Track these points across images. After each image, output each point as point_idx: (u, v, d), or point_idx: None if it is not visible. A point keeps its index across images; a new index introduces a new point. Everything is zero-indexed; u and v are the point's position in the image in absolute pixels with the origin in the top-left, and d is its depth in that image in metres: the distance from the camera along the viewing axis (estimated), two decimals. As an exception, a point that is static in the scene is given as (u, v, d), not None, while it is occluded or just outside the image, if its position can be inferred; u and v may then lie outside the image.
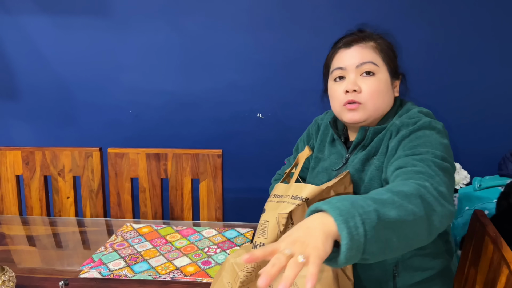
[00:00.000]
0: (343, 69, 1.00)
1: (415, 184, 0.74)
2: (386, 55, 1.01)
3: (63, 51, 1.95)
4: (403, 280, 0.97)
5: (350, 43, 1.01)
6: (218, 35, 1.86)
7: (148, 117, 2.00)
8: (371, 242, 0.62)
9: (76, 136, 2.04)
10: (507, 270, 0.75)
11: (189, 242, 1.29)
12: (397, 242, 0.66)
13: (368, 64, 0.97)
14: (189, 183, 1.52)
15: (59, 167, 1.55)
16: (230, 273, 0.90)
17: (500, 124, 1.79)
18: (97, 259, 1.21)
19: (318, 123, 1.21)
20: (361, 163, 0.98)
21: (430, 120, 0.93)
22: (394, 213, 0.66)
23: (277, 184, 0.94)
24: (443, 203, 0.73)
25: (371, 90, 0.97)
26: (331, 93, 1.04)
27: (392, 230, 0.65)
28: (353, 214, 0.62)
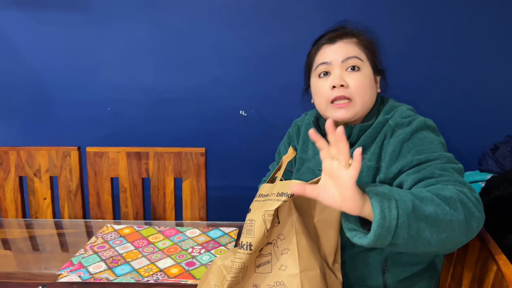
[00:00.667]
0: (328, 64, 0.98)
1: (455, 189, 0.76)
2: (369, 51, 1.01)
3: (39, 46, 1.88)
4: (392, 276, 0.98)
5: (333, 39, 1.00)
6: (201, 30, 1.83)
7: (128, 115, 1.95)
8: (403, 228, 0.66)
9: (53, 134, 1.98)
10: (495, 267, 0.76)
11: (172, 243, 1.26)
12: (429, 237, 0.68)
13: (353, 59, 0.97)
14: (172, 182, 1.48)
15: (35, 167, 1.50)
16: (218, 275, 0.88)
17: (480, 120, 1.82)
18: (76, 262, 1.16)
19: (298, 124, 1.20)
20: None
21: (424, 120, 0.93)
22: (431, 209, 0.69)
23: (263, 184, 0.92)
24: (480, 209, 0.75)
25: (358, 85, 0.96)
26: (316, 89, 1.02)
27: (426, 224, 0.68)
28: (389, 197, 0.67)
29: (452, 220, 0.70)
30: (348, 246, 0.98)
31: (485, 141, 1.77)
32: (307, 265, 0.84)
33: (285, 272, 0.84)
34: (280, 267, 0.85)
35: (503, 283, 0.72)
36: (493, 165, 1.65)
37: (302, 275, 0.83)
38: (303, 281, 0.82)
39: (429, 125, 0.93)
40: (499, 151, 1.66)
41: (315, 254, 0.86)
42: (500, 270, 0.73)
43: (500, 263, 0.74)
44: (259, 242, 0.82)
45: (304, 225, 0.88)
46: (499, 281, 0.73)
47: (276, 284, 0.85)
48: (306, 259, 0.84)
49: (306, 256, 0.84)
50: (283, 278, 0.84)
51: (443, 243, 0.71)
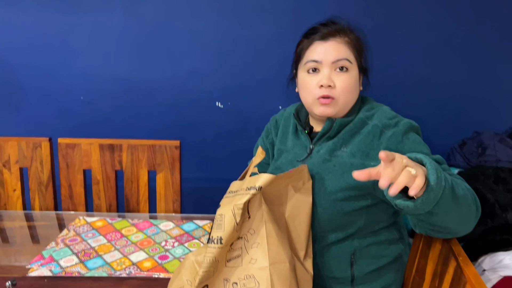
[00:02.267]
0: (318, 62, 1.01)
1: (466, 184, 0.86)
2: (357, 51, 1.04)
3: (7, 31, 1.82)
4: (360, 268, 1.01)
5: (326, 37, 1.02)
6: (177, 21, 1.80)
7: (102, 104, 1.91)
8: (444, 199, 0.74)
9: (22, 124, 1.92)
10: (455, 262, 0.79)
11: (145, 236, 1.27)
12: (456, 215, 0.79)
13: (343, 61, 1.00)
14: (145, 175, 1.48)
15: (4, 158, 1.46)
16: (190, 270, 0.89)
17: (448, 115, 1.87)
18: (47, 255, 1.15)
19: (276, 119, 1.23)
20: (329, 153, 1.00)
21: (409, 121, 1.00)
22: (461, 192, 0.79)
23: (233, 182, 0.94)
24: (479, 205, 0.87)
25: (344, 86, 1.00)
26: (304, 84, 1.05)
27: (458, 203, 0.77)
28: (440, 169, 0.74)
29: (471, 206, 0.81)
30: (319, 239, 1.01)
31: (454, 137, 1.82)
32: (276, 258, 0.86)
33: (255, 265, 0.86)
34: (250, 261, 0.87)
35: (461, 279, 0.76)
36: (460, 160, 1.71)
37: (272, 268, 0.85)
38: (272, 273, 0.84)
39: (414, 126, 1.00)
40: (467, 147, 1.72)
41: (284, 248, 0.88)
42: (460, 267, 0.77)
43: (459, 259, 0.78)
44: (229, 236, 0.84)
45: (274, 219, 0.90)
46: (458, 276, 0.77)
47: (246, 277, 0.86)
48: (275, 252, 0.86)
49: (276, 250, 0.86)
50: (253, 271, 0.86)
51: (461, 224, 0.83)
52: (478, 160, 1.65)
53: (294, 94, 1.26)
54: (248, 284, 0.86)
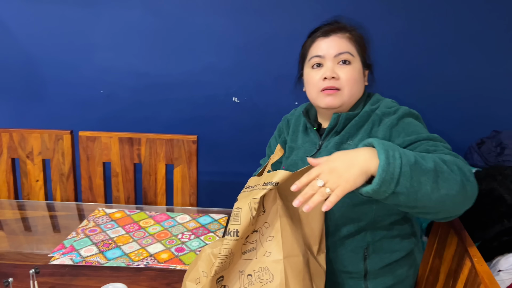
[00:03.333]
0: (322, 57, 1.04)
1: (451, 156, 0.82)
2: (359, 46, 1.07)
3: (32, 27, 1.86)
4: (373, 263, 1.02)
5: (328, 33, 1.06)
6: (195, 16, 1.82)
7: (121, 98, 1.95)
8: (405, 177, 0.71)
9: (45, 116, 1.98)
10: (469, 263, 0.79)
11: (162, 228, 1.29)
12: (430, 191, 0.73)
13: (345, 54, 1.03)
14: (163, 168, 1.50)
15: (28, 149, 1.51)
16: (206, 262, 0.91)
17: (467, 115, 1.85)
18: (68, 245, 1.19)
19: (287, 118, 1.26)
20: (336, 147, 1.02)
21: (407, 108, 1.02)
22: (431, 165, 0.74)
23: (250, 178, 0.95)
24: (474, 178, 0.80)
25: (348, 77, 1.02)
26: (308, 79, 1.08)
27: (427, 178, 0.73)
28: (394, 148, 0.73)
29: (450, 178, 0.75)
30: (331, 233, 1.03)
31: (472, 136, 1.80)
32: (290, 251, 0.88)
33: (269, 258, 0.88)
34: (265, 254, 0.88)
35: (476, 280, 0.76)
36: (478, 159, 1.69)
37: (286, 261, 0.86)
38: (286, 266, 0.86)
39: (413, 113, 1.01)
40: (485, 146, 1.70)
41: (298, 242, 0.90)
42: (474, 267, 0.77)
43: (474, 260, 0.78)
44: (246, 229, 0.85)
45: (289, 214, 0.91)
46: (473, 277, 0.77)
47: (261, 269, 0.88)
48: (289, 246, 0.88)
49: (290, 243, 0.88)
50: (267, 263, 0.87)
51: (442, 201, 0.75)
52: (496, 160, 1.63)
53: None
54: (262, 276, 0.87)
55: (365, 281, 1.03)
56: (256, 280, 0.88)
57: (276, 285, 0.86)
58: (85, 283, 1.04)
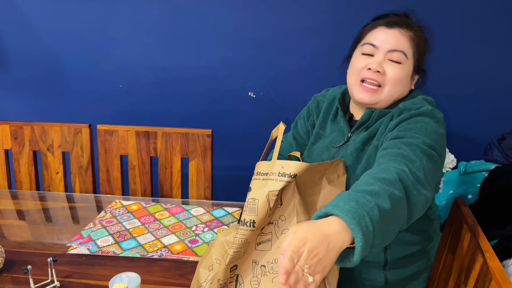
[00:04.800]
0: (375, 47, 0.99)
1: (395, 169, 0.78)
2: (418, 50, 1.01)
3: (53, 22, 1.91)
4: (393, 253, 1.02)
5: (392, 24, 0.99)
6: (213, 10, 1.83)
7: (139, 92, 1.98)
8: (377, 236, 0.67)
9: (65, 110, 2.03)
10: (481, 259, 0.78)
11: (177, 220, 1.32)
12: (391, 230, 0.71)
13: (399, 53, 0.97)
14: (179, 161, 1.53)
15: (48, 142, 1.55)
16: (220, 250, 0.91)
17: (488, 110, 1.81)
18: (86, 235, 1.22)
19: (317, 100, 1.20)
20: (362, 143, 1.00)
21: (432, 109, 0.95)
22: (387, 204, 0.70)
23: (258, 162, 0.94)
24: (418, 188, 0.77)
25: (393, 76, 0.97)
26: (353, 63, 1.03)
27: (388, 220, 0.70)
28: (362, 214, 0.66)
29: (401, 204, 0.73)
30: None
31: (492, 131, 1.76)
32: None
33: None
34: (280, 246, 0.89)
35: (487, 275, 0.75)
36: (498, 155, 1.65)
37: None
38: None
39: (434, 115, 0.94)
40: (506, 142, 1.66)
41: None
42: (486, 263, 0.76)
43: (486, 256, 0.77)
44: (262, 220, 0.86)
45: (306, 208, 0.91)
46: (484, 273, 0.76)
47: (275, 261, 0.89)
48: None
49: None
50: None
51: (396, 231, 0.74)
52: (517, 156, 1.59)
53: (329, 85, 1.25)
54: (275, 268, 0.88)
55: (384, 271, 1.04)
56: (269, 271, 0.88)
57: None
58: (101, 272, 1.07)
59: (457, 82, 1.79)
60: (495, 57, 1.74)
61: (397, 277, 1.04)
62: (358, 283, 1.06)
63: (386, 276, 1.04)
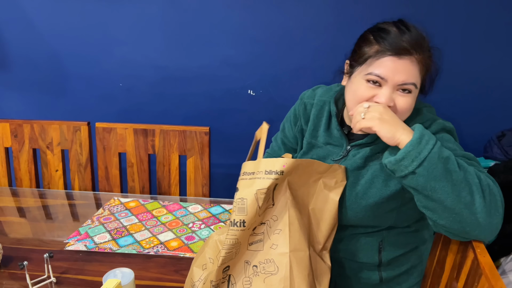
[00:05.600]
0: (384, 80, 0.89)
1: (489, 179, 0.82)
2: (426, 74, 0.94)
3: (55, 21, 1.93)
4: (387, 254, 1.03)
5: (401, 53, 0.88)
6: (213, 10, 1.83)
7: (140, 91, 1.99)
8: (431, 162, 0.76)
9: (67, 108, 2.04)
10: (472, 255, 0.78)
11: (174, 217, 1.32)
12: (450, 192, 0.77)
13: (410, 85, 0.90)
14: (176, 159, 1.53)
15: (48, 140, 1.56)
16: (213, 249, 0.92)
17: (488, 107, 1.80)
18: (83, 232, 1.23)
19: (304, 102, 1.13)
20: (364, 160, 0.96)
21: (443, 122, 0.96)
22: (462, 174, 0.77)
23: (244, 162, 0.93)
24: (502, 210, 0.81)
25: (404, 108, 0.91)
26: (358, 90, 0.92)
27: (451, 180, 0.76)
28: (431, 137, 0.79)
29: (475, 196, 0.77)
30: (347, 229, 1.02)
31: (492, 129, 1.75)
32: (297, 245, 0.87)
33: (275, 250, 0.88)
34: (271, 246, 0.89)
35: (477, 271, 0.75)
36: (498, 152, 1.64)
37: (292, 254, 0.86)
38: (292, 260, 0.86)
39: (448, 128, 0.96)
40: (505, 139, 1.65)
41: (305, 237, 0.90)
42: (477, 258, 0.76)
43: (477, 251, 0.77)
44: (252, 219, 0.86)
45: (298, 209, 0.91)
46: (475, 268, 0.76)
47: (267, 261, 0.89)
48: (296, 240, 0.88)
49: (297, 238, 0.88)
50: (273, 256, 0.88)
51: (458, 210, 0.77)
52: (517, 153, 1.59)
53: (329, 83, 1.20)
54: (267, 268, 0.88)
55: (379, 271, 1.04)
56: (261, 271, 0.88)
57: (280, 277, 0.86)
58: (97, 268, 1.08)
59: (457, 80, 1.79)
60: (495, 55, 1.73)
61: (391, 275, 1.05)
62: (353, 282, 1.06)
63: (380, 275, 1.04)
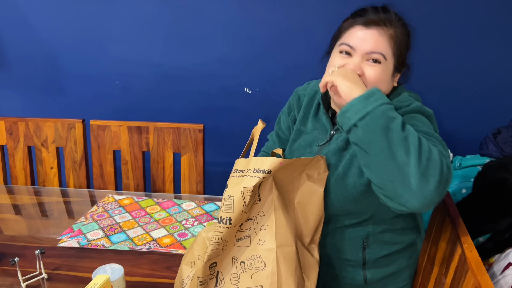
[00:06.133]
0: (352, 48, 0.94)
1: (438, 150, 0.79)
2: (398, 48, 0.96)
3: (51, 20, 1.93)
4: (372, 252, 1.02)
5: (369, 24, 0.94)
6: (209, 7, 1.83)
7: (136, 89, 1.99)
8: (371, 118, 0.79)
9: (63, 106, 2.05)
10: (460, 250, 0.78)
11: (168, 214, 1.33)
12: (386, 146, 0.78)
13: (378, 55, 0.93)
14: (171, 156, 1.53)
15: (43, 137, 1.57)
16: (201, 246, 0.93)
17: (484, 104, 1.79)
18: (76, 229, 1.24)
19: (298, 94, 1.16)
20: (345, 142, 0.98)
21: (421, 105, 0.94)
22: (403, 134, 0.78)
23: (237, 160, 0.94)
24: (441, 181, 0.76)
25: (373, 77, 0.93)
26: (331, 62, 0.99)
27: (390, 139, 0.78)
28: (383, 98, 0.82)
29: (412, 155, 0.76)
30: (332, 221, 1.02)
31: (488, 126, 1.75)
32: (284, 241, 0.88)
33: (262, 246, 0.88)
34: (258, 242, 0.89)
35: (464, 266, 0.74)
36: (493, 149, 1.63)
37: (278, 250, 0.87)
38: (278, 255, 0.87)
39: (424, 111, 0.94)
40: (501, 136, 1.64)
41: (292, 232, 0.90)
42: (464, 253, 0.76)
43: (464, 246, 0.77)
44: (238, 217, 0.86)
45: (284, 203, 0.91)
46: (462, 263, 0.76)
47: (254, 257, 0.89)
48: (283, 236, 0.88)
49: (283, 233, 0.88)
50: (260, 252, 0.88)
51: (390, 169, 0.77)
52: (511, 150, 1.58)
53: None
54: (254, 264, 0.88)
55: (363, 270, 1.03)
56: (248, 268, 0.89)
57: (267, 273, 0.86)
58: (89, 265, 1.08)
59: (453, 77, 1.78)
60: (491, 52, 1.73)
61: (376, 276, 1.03)
62: (339, 281, 1.06)
63: (365, 275, 1.03)
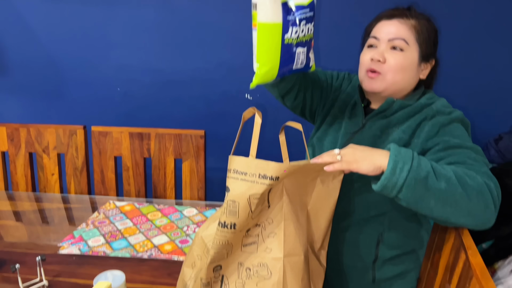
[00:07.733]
0: (377, 39, 1.03)
1: (485, 178, 0.85)
2: (422, 37, 1.02)
3: (51, 26, 1.94)
4: (384, 250, 1.05)
5: (392, 16, 1.03)
6: (209, 13, 1.84)
7: (137, 95, 2.00)
8: (408, 188, 0.79)
9: (64, 112, 2.05)
10: (464, 256, 0.78)
11: (169, 221, 1.32)
12: (432, 206, 0.81)
13: (399, 40, 1.00)
14: (172, 163, 1.53)
15: (44, 144, 1.57)
16: (199, 246, 0.90)
17: (484, 110, 1.79)
18: (77, 235, 1.23)
19: (351, 78, 1.22)
20: (381, 130, 1.03)
21: (462, 114, 1.01)
22: (442, 185, 0.80)
23: (233, 156, 0.87)
24: (496, 205, 0.84)
25: (394, 63, 1.00)
26: (361, 58, 1.08)
27: (433, 195, 0.80)
28: (407, 161, 0.80)
29: (459, 204, 0.81)
30: (350, 214, 1.05)
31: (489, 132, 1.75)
32: (291, 250, 0.86)
33: (269, 254, 0.86)
34: (265, 249, 0.87)
35: (469, 272, 0.74)
36: (495, 155, 1.63)
37: (286, 259, 0.85)
38: (285, 265, 0.85)
39: (465, 121, 1.01)
40: (503, 142, 1.64)
41: (301, 240, 0.88)
42: (468, 260, 0.75)
43: (469, 252, 0.76)
44: (244, 223, 0.84)
45: (294, 211, 0.89)
46: (466, 270, 0.75)
47: (260, 265, 0.87)
48: (291, 245, 0.86)
49: (292, 242, 0.86)
50: (267, 260, 0.86)
51: (445, 215, 0.82)
52: (514, 156, 1.58)
53: None
54: (260, 272, 0.87)
55: (373, 270, 1.05)
56: (254, 275, 0.87)
57: (273, 282, 0.85)
58: (90, 272, 1.07)
59: (454, 82, 1.78)
60: (492, 58, 1.73)
61: (384, 276, 1.05)
62: (347, 279, 1.07)
63: (374, 274, 1.04)
